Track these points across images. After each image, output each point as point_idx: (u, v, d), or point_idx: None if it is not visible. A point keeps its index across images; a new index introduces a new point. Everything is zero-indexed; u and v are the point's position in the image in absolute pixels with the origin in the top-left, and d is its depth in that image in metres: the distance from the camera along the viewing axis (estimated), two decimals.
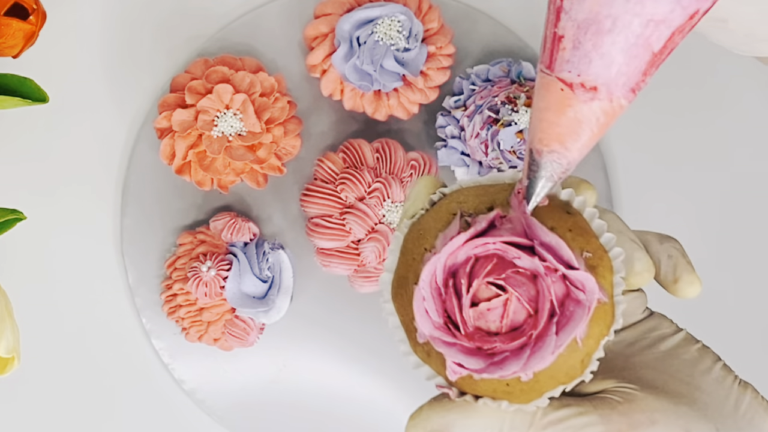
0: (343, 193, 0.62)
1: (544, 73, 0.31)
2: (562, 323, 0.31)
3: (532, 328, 0.31)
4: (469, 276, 0.32)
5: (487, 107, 0.60)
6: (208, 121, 0.60)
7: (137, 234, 0.65)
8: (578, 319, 0.31)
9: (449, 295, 0.32)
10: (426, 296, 0.32)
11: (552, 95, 0.31)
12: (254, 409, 0.66)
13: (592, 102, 0.30)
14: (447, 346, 0.32)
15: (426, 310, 0.32)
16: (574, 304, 0.31)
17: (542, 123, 0.31)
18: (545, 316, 0.31)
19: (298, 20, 0.65)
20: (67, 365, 0.66)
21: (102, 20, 0.65)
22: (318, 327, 0.66)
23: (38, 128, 0.65)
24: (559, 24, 0.30)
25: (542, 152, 0.31)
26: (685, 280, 0.36)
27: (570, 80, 0.30)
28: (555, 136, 0.31)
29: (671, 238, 0.37)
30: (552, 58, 0.31)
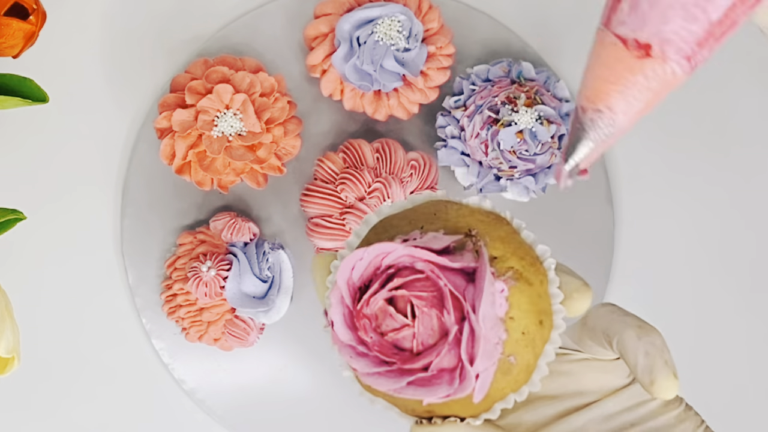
0: (343, 193, 0.62)
1: (601, 30, 0.30)
2: (471, 347, 0.31)
3: (437, 356, 0.31)
4: (381, 283, 0.32)
5: (487, 107, 0.60)
6: (208, 121, 0.60)
7: (137, 234, 0.65)
8: (490, 350, 0.31)
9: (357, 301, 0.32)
10: (340, 298, 0.32)
11: (605, 51, 0.30)
12: (254, 409, 0.66)
13: (644, 60, 0.29)
14: (358, 356, 0.33)
15: (342, 314, 0.33)
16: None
17: (591, 80, 0.30)
18: (450, 343, 0.31)
19: (298, 20, 0.65)
20: (68, 365, 0.66)
21: (102, 20, 0.65)
22: (318, 327, 0.66)
23: (38, 128, 0.65)
24: None
25: (587, 109, 0.30)
26: (660, 385, 0.34)
27: (624, 35, 0.29)
28: (602, 93, 0.30)
29: (652, 330, 0.36)
30: (611, 13, 0.29)
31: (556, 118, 0.60)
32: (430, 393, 0.31)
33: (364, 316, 0.32)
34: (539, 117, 0.60)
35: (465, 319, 0.31)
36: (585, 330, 0.37)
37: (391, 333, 0.32)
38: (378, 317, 0.32)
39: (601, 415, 0.36)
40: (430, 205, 0.35)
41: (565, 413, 0.37)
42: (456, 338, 0.31)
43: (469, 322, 0.31)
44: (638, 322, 0.36)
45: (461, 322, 0.31)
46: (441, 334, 0.32)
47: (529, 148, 0.60)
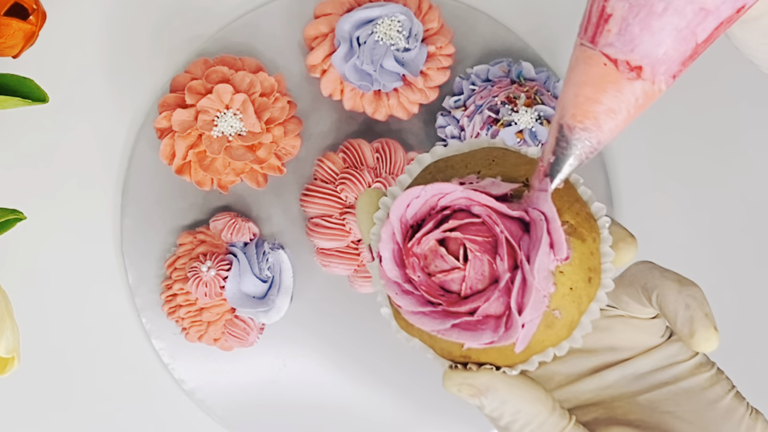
0: (343, 193, 0.62)
1: (586, 46, 0.30)
2: (521, 294, 0.31)
3: (485, 300, 0.31)
4: (436, 223, 0.32)
5: (487, 107, 0.60)
6: (208, 121, 0.60)
7: (137, 234, 0.65)
8: (538, 296, 0.31)
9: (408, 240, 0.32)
10: (391, 234, 0.32)
11: (593, 70, 0.30)
12: (254, 409, 0.66)
13: (635, 81, 0.30)
14: (404, 294, 0.32)
15: (392, 250, 0.32)
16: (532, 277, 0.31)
17: (578, 98, 0.30)
18: (503, 287, 0.31)
19: (298, 20, 0.65)
20: (67, 365, 0.66)
21: (102, 20, 0.65)
22: (318, 327, 0.66)
23: (38, 128, 0.65)
24: (609, 2, 0.30)
25: (574, 129, 0.30)
26: (701, 336, 0.35)
27: (615, 56, 0.30)
28: (591, 113, 0.30)
29: (691, 284, 0.36)
30: (597, 32, 0.30)
31: None
32: (473, 338, 0.31)
33: (414, 255, 0.32)
34: (539, 117, 0.60)
35: (518, 268, 0.31)
36: (622, 286, 0.37)
37: (440, 274, 0.32)
38: (428, 257, 0.32)
39: (633, 374, 0.36)
40: (487, 151, 0.35)
41: (598, 368, 0.37)
42: (507, 286, 0.31)
43: (522, 272, 0.31)
44: (678, 277, 0.36)
45: (513, 271, 0.31)
46: (491, 280, 0.32)
47: None
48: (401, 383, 0.67)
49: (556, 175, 0.31)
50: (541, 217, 0.31)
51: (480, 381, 0.33)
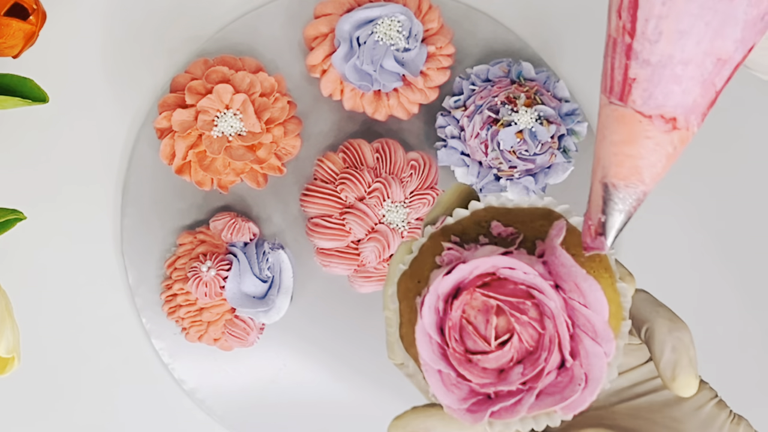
0: (343, 193, 0.62)
1: (616, 105, 0.31)
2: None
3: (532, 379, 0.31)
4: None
5: (486, 107, 0.60)
6: (208, 121, 0.60)
7: (137, 234, 0.65)
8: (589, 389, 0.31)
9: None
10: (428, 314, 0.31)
11: (628, 128, 0.31)
12: (254, 409, 0.66)
13: (672, 132, 0.30)
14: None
15: (428, 335, 0.32)
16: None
17: (617, 157, 0.31)
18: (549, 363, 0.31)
19: (298, 20, 0.65)
20: (67, 365, 0.66)
21: (102, 20, 0.65)
22: (318, 327, 0.66)
23: (38, 128, 0.65)
24: (633, 56, 0.30)
25: (619, 186, 0.31)
26: (681, 382, 0.35)
27: (649, 113, 0.30)
28: (633, 169, 0.31)
29: (682, 326, 0.36)
30: (624, 91, 0.30)
31: (556, 118, 0.60)
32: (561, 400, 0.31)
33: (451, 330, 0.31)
34: (539, 117, 0.60)
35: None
36: None
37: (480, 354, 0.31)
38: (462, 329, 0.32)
39: (612, 389, 0.37)
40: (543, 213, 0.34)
41: None
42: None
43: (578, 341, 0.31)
44: (670, 315, 0.36)
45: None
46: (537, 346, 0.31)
47: (528, 148, 0.60)
48: (401, 383, 0.67)
49: (609, 232, 0.31)
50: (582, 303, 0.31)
51: (416, 425, 0.33)
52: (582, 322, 0.31)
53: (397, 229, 0.62)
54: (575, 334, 0.31)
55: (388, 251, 0.62)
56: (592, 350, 0.31)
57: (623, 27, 0.30)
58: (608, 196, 0.31)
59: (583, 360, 0.31)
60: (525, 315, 0.31)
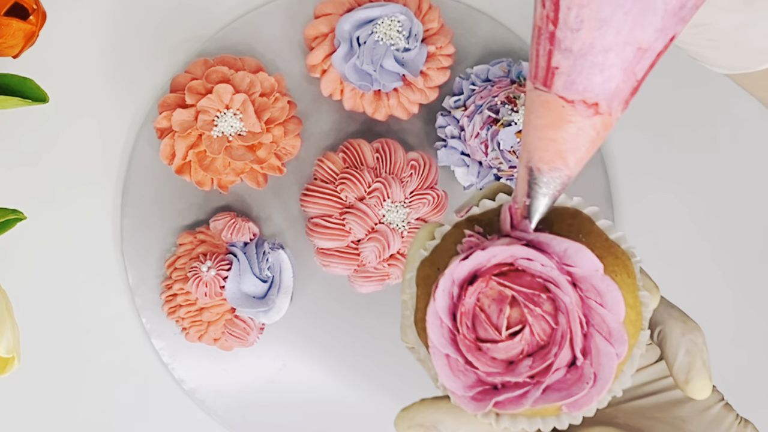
0: (343, 193, 0.62)
1: (541, 90, 0.31)
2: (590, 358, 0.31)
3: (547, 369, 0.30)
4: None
5: (486, 107, 0.60)
6: (208, 121, 0.60)
7: (137, 234, 0.65)
8: (608, 369, 0.31)
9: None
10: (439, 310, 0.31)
11: (552, 113, 0.31)
12: (254, 409, 0.66)
13: (594, 117, 0.31)
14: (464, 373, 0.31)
15: (440, 322, 0.31)
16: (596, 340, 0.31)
17: (542, 141, 0.31)
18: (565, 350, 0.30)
19: (298, 20, 0.65)
20: (67, 365, 0.66)
21: (102, 20, 0.65)
22: (318, 327, 0.66)
23: (38, 128, 0.65)
24: (556, 44, 0.31)
25: (543, 170, 0.32)
26: (696, 386, 0.35)
27: (571, 98, 0.31)
28: (557, 153, 0.31)
29: (695, 328, 0.36)
30: (548, 77, 0.31)
31: None
32: (568, 396, 0.31)
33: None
34: None
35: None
36: None
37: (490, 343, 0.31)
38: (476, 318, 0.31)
39: (620, 388, 0.37)
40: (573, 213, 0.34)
41: None
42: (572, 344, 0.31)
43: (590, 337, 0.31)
44: (683, 317, 0.37)
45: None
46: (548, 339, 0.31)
47: None
48: (401, 383, 0.67)
49: (534, 215, 0.32)
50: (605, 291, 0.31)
51: (423, 417, 0.33)
52: (597, 321, 0.31)
53: (397, 229, 0.62)
54: (588, 332, 0.31)
55: (388, 251, 0.62)
56: (604, 350, 0.31)
57: (547, 16, 0.31)
58: (533, 180, 0.32)
59: (594, 359, 0.31)
60: (539, 308, 0.31)
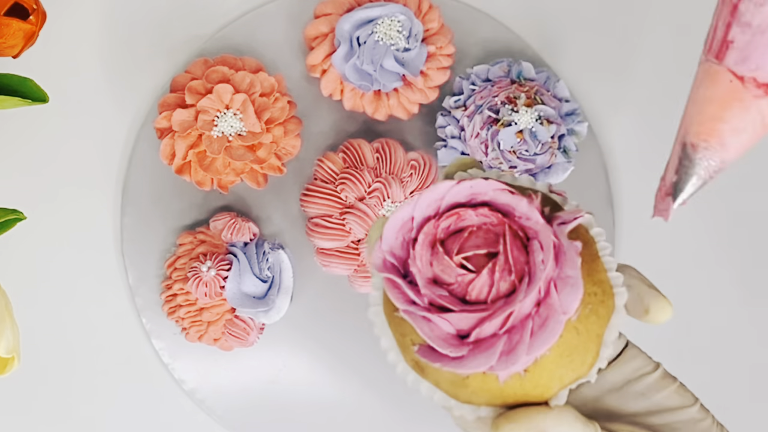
0: (343, 193, 0.62)
1: (711, 62, 0.29)
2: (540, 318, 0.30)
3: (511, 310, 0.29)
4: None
5: (487, 107, 0.60)
6: (208, 121, 0.60)
7: (137, 234, 0.65)
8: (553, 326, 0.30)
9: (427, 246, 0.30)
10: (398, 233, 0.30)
11: (718, 86, 0.29)
12: (254, 409, 0.66)
13: (762, 99, 0.29)
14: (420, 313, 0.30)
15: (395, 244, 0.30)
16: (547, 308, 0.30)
17: (702, 116, 0.29)
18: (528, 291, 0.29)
19: (298, 20, 0.65)
20: (67, 365, 0.66)
21: (102, 20, 0.65)
22: (318, 327, 0.66)
23: (38, 128, 0.65)
24: (736, 16, 0.29)
25: (698, 147, 0.30)
26: (655, 308, 0.34)
27: (741, 73, 0.29)
28: (715, 131, 0.29)
29: (626, 266, 0.35)
30: (722, 48, 0.29)
31: (556, 118, 0.60)
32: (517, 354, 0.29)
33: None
34: (539, 117, 0.60)
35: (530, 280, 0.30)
36: None
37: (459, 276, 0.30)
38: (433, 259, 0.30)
39: (611, 387, 0.36)
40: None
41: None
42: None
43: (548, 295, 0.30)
44: (617, 266, 0.35)
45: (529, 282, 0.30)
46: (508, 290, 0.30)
47: (529, 148, 0.60)
48: (401, 383, 0.66)
49: (678, 194, 0.30)
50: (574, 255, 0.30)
51: (545, 424, 0.32)
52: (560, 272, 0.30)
53: None
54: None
55: None
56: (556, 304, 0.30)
57: None
58: (684, 156, 0.30)
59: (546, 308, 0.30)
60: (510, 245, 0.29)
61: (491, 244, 0.30)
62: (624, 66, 0.67)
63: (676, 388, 0.37)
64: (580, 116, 0.62)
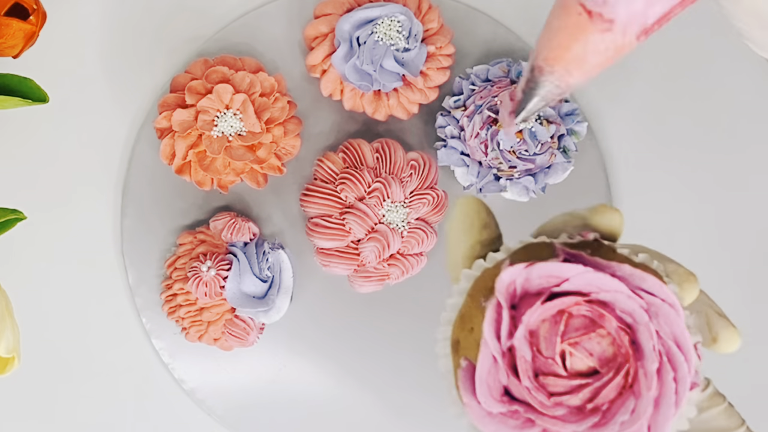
0: (342, 193, 0.62)
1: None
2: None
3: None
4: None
5: (486, 107, 0.60)
6: (208, 121, 0.60)
7: (137, 234, 0.65)
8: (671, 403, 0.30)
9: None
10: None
11: (569, 18, 0.31)
12: (254, 409, 0.66)
13: (606, 33, 0.30)
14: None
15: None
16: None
17: (551, 42, 0.31)
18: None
19: (298, 20, 0.65)
20: (67, 365, 0.66)
21: (102, 20, 0.65)
22: (318, 327, 0.66)
23: (38, 128, 0.65)
24: None
25: (544, 70, 0.31)
26: (725, 337, 0.34)
27: (590, 8, 0.30)
28: (561, 59, 0.31)
29: (686, 279, 0.35)
30: None
31: (556, 118, 0.60)
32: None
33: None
34: (539, 117, 0.60)
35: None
36: None
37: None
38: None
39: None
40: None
41: None
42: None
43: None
44: (680, 270, 0.35)
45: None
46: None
47: (528, 148, 0.60)
48: (402, 383, 0.67)
49: (521, 111, 0.32)
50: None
51: None
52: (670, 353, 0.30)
53: (397, 229, 0.62)
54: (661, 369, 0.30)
55: (388, 251, 0.62)
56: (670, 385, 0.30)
57: None
58: (530, 78, 0.32)
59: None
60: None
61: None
62: (624, 66, 0.67)
63: (725, 408, 0.36)
64: (579, 116, 0.62)
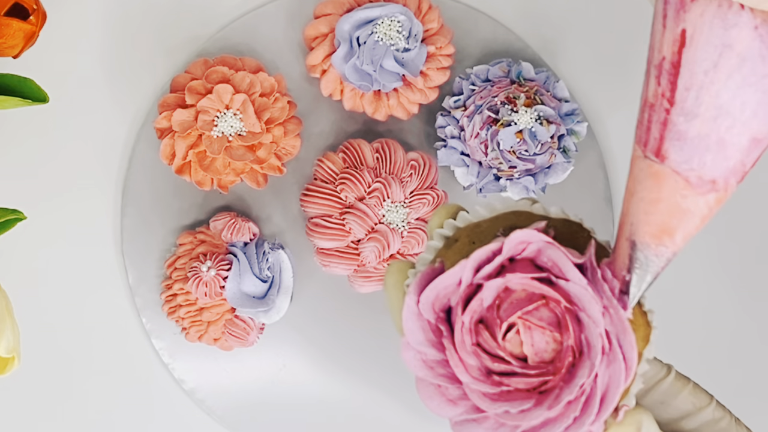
0: (342, 193, 0.62)
1: (652, 161, 0.29)
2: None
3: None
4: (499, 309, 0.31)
5: (486, 107, 0.60)
6: (208, 121, 0.60)
7: (137, 234, 0.65)
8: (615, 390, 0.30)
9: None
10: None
11: (664, 186, 0.29)
12: (254, 409, 0.66)
13: (709, 194, 0.29)
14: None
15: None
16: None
17: (652, 216, 0.30)
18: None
19: (298, 20, 0.65)
20: (67, 365, 0.66)
21: (102, 20, 0.65)
22: (318, 327, 0.66)
23: (38, 128, 0.65)
24: (673, 113, 0.29)
25: (649, 246, 0.30)
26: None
27: (687, 174, 0.29)
28: (666, 230, 0.30)
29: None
30: (662, 146, 0.29)
31: (556, 118, 0.60)
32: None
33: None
34: (539, 117, 0.60)
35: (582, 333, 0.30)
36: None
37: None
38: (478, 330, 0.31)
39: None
40: (514, 215, 0.33)
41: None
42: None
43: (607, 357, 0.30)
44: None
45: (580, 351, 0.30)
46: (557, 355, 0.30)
47: (528, 148, 0.60)
48: (402, 383, 0.67)
49: (633, 292, 0.30)
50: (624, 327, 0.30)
51: (643, 420, 0.32)
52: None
53: (397, 229, 0.62)
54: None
55: (388, 251, 0.62)
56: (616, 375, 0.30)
57: (662, 94, 0.29)
58: (635, 255, 0.30)
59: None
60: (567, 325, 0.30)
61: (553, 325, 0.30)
62: (624, 66, 0.67)
63: (690, 389, 0.36)
64: (579, 116, 0.62)
